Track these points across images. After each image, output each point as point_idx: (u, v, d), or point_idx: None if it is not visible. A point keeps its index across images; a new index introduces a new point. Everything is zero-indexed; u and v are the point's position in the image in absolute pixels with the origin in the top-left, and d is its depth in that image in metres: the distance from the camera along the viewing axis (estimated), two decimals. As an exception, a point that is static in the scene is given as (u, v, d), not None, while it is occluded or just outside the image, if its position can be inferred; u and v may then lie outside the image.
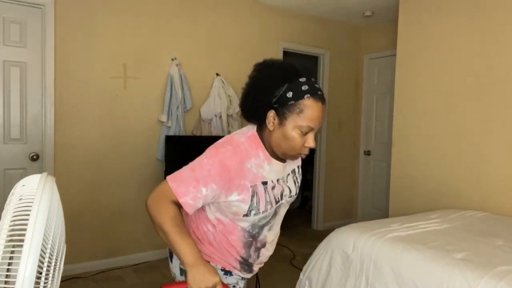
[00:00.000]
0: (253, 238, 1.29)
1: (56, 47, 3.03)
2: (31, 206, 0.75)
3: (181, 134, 3.56)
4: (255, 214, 1.22)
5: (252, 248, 1.31)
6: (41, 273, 0.76)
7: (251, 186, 1.19)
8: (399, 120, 3.65)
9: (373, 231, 2.11)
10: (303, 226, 4.89)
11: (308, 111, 1.13)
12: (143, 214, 3.48)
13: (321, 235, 2.68)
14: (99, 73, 3.23)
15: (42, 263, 0.76)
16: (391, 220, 2.44)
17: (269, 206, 1.24)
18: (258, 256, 1.34)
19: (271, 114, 1.16)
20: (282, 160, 1.27)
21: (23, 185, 0.81)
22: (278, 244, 4.11)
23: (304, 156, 1.25)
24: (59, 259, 0.85)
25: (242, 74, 3.97)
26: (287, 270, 3.36)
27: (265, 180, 1.22)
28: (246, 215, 1.21)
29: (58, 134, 3.08)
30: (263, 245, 1.33)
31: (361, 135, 4.91)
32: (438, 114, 3.31)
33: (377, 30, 4.69)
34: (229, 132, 3.81)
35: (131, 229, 3.44)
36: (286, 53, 4.36)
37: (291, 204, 6.04)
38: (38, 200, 0.76)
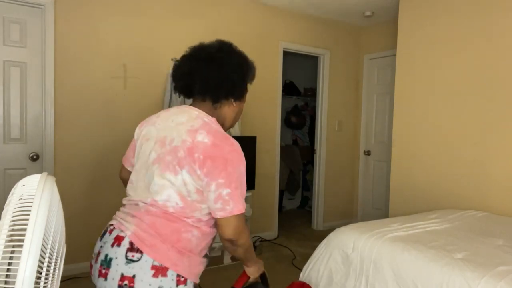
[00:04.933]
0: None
1: (56, 47, 3.03)
2: (31, 206, 0.75)
3: (181, 134, 3.55)
4: None
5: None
6: (41, 273, 0.76)
7: None
8: (399, 120, 3.65)
9: (373, 231, 2.11)
10: (303, 226, 4.88)
11: None
12: (143, 214, 3.48)
13: (321, 235, 2.68)
14: (99, 73, 3.23)
15: (42, 263, 0.76)
16: (391, 220, 2.44)
17: None
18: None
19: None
20: None
21: (23, 185, 0.81)
22: (278, 244, 4.11)
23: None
24: (59, 259, 0.85)
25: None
26: (287, 270, 3.36)
27: None
28: None
29: (58, 134, 3.08)
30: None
31: (361, 135, 4.91)
32: (438, 114, 3.32)
33: (377, 30, 4.68)
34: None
35: (131, 229, 3.43)
36: (286, 53, 4.36)
37: (291, 204, 5.96)
38: (38, 200, 0.76)
